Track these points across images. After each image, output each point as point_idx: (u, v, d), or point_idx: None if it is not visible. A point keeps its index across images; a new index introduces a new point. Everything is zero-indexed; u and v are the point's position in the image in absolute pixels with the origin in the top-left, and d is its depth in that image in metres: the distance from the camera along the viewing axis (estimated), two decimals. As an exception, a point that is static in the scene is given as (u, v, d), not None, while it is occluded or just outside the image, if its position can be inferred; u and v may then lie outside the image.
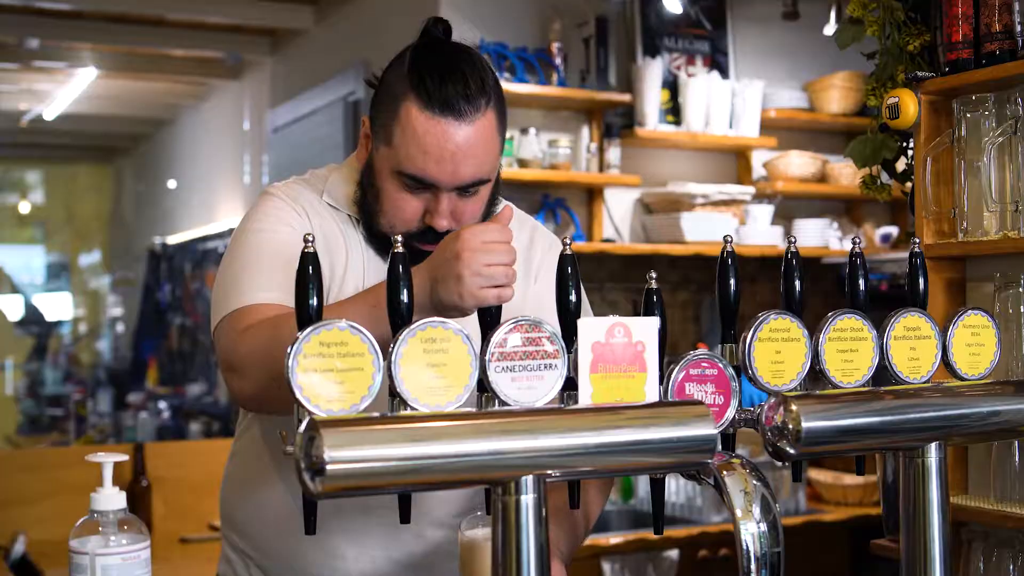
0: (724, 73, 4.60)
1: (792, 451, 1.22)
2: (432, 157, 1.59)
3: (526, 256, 1.81)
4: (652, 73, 4.35)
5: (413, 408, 1.08)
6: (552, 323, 1.16)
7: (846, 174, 4.66)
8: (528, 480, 1.09)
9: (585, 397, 1.15)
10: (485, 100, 1.61)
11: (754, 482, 1.17)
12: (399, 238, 1.16)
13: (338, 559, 1.73)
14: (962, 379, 1.40)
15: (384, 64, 1.81)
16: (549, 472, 1.10)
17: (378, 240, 1.71)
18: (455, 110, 1.59)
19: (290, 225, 1.69)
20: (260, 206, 1.75)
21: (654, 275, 1.26)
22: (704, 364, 1.25)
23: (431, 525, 1.75)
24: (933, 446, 1.32)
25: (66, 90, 7.69)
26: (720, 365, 1.26)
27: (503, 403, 1.12)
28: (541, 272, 1.82)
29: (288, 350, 1.04)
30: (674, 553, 3.64)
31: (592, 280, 4.39)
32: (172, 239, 8.24)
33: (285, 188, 1.78)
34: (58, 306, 11.01)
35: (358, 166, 1.76)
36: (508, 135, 4.10)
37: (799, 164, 4.60)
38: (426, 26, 1.76)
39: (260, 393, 1.54)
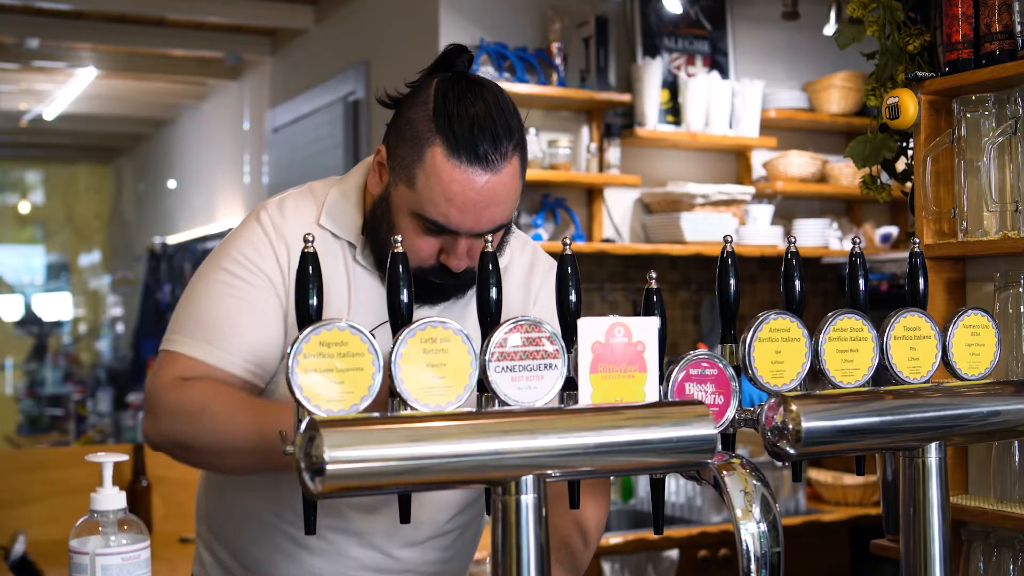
0: (724, 73, 4.60)
1: (792, 451, 1.22)
2: (455, 205, 1.55)
3: (526, 279, 1.79)
4: (652, 73, 4.35)
5: (413, 408, 1.08)
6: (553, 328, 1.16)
7: (846, 174, 4.66)
8: (528, 480, 1.09)
9: (585, 397, 1.15)
10: (512, 144, 1.57)
11: (754, 482, 1.17)
12: (399, 238, 1.16)
13: (310, 574, 1.72)
14: (962, 379, 1.40)
15: (383, 64, 1.80)
16: (549, 472, 1.11)
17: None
18: (483, 160, 1.54)
19: (266, 277, 1.64)
20: (245, 234, 1.69)
21: (654, 275, 1.26)
22: (704, 364, 1.25)
23: (404, 545, 1.75)
24: (933, 446, 1.32)
25: (66, 90, 7.69)
26: (720, 365, 1.26)
27: (503, 403, 1.12)
28: (541, 294, 1.80)
29: (288, 350, 1.04)
30: (674, 553, 3.64)
31: (592, 280, 4.39)
32: (172, 239, 8.24)
33: (278, 210, 1.71)
34: (58, 306, 11.01)
35: (363, 188, 1.72)
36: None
37: (799, 164, 4.60)
38: (447, 53, 1.67)
39: (161, 445, 1.62)
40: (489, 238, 1.17)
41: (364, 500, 1.71)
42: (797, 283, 1.32)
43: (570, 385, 1.16)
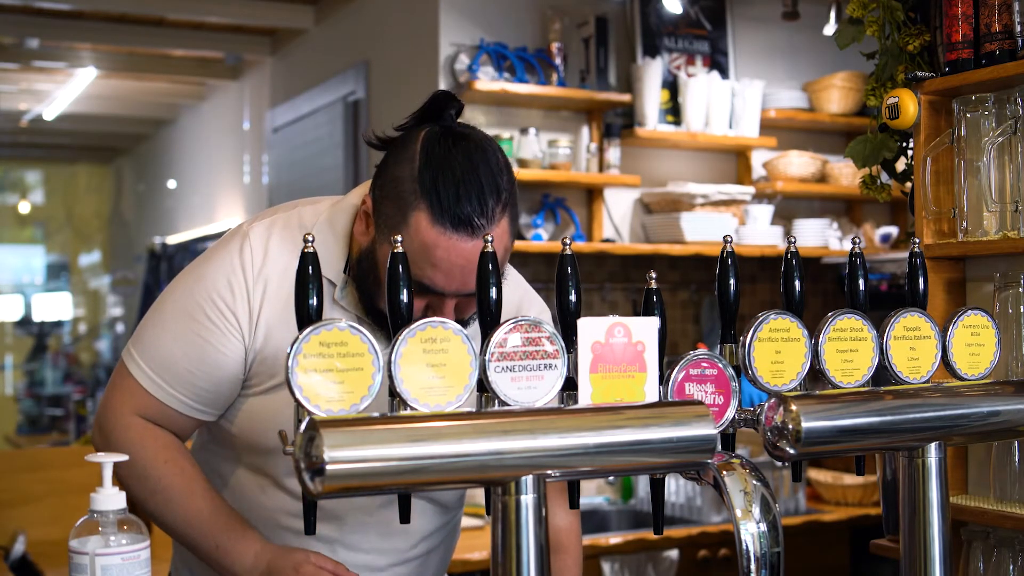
0: (724, 73, 4.60)
1: (792, 451, 1.22)
2: (441, 270, 1.52)
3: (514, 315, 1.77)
4: (652, 73, 4.35)
5: (413, 408, 1.08)
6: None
7: (846, 174, 4.66)
8: (528, 480, 1.09)
9: (585, 397, 1.15)
10: (500, 208, 1.53)
11: (754, 482, 1.17)
12: (399, 238, 1.16)
13: None
14: (962, 379, 1.40)
15: (383, 64, 1.78)
16: (549, 472, 1.11)
17: (378, 316, 1.63)
18: (469, 225, 1.50)
19: (235, 319, 1.63)
20: (224, 267, 1.66)
21: (654, 275, 1.26)
22: (704, 364, 1.25)
23: (367, 571, 1.75)
24: (933, 446, 1.32)
25: (66, 90, 7.69)
26: (720, 365, 1.26)
27: (503, 403, 1.12)
28: None
29: (288, 350, 1.04)
30: (674, 553, 3.64)
31: (592, 280, 4.39)
32: (172, 239, 8.24)
33: (262, 246, 1.67)
34: (58, 306, 11.01)
35: (350, 228, 1.67)
36: (508, 135, 4.10)
37: (799, 164, 4.60)
38: (436, 100, 1.61)
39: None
40: (490, 238, 1.17)
41: (325, 531, 1.71)
42: (797, 283, 1.32)
43: (570, 385, 1.16)
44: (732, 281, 1.30)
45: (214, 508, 1.67)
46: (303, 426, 1.02)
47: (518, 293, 1.82)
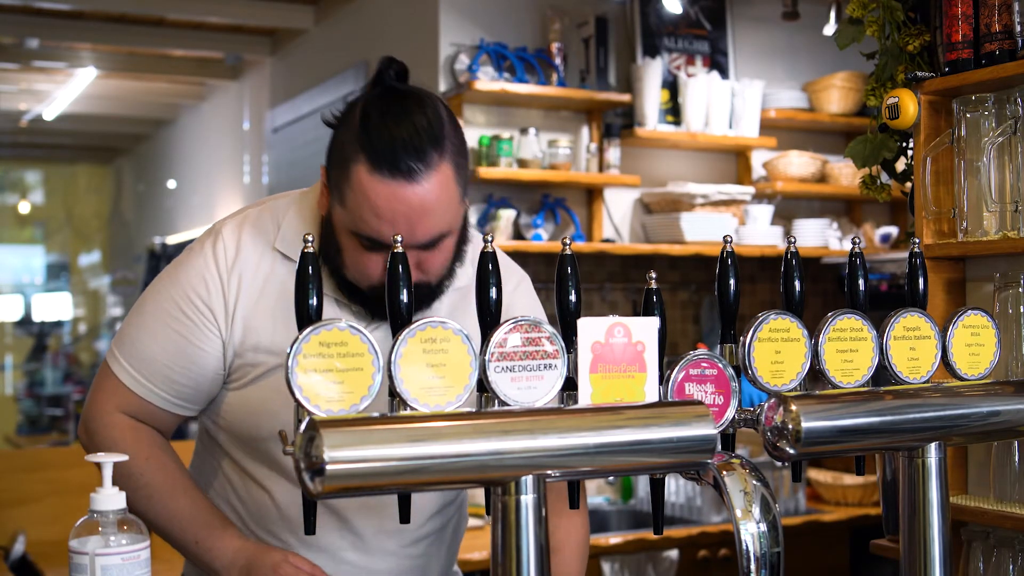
0: (724, 73, 4.60)
1: (792, 451, 1.22)
2: (386, 220, 1.55)
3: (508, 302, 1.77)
4: (652, 73, 4.35)
5: (413, 408, 1.08)
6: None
7: (846, 174, 4.66)
8: (528, 480, 1.09)
9: (585, 397, 1.15)
10: (438, 154, 1.55)
11: (754, 482, 1.17)
12: (399, 237, 1.16)
13: None
14: (962, 379, 1.40)
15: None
16: (549, 472, 1.11)
17: (349, 288, 1.66)
18: (405, 171, 1.53)
19: (210, 313, 1.67)
20: (198, 265, 1.70)
21: (654, 275, 1.26)
22: (704, 364, 1.25)
23: (382, 553, 1.77)
24: (933, 446, 1.32)
25: (66, 90, 7.69)
26: (720, 365, 1.26)
27: (503, 403, 1.12)
28: (514, 305, 1.79)
29: (288, 350, 1.04)
30: (674, 553, 3.64)
31: (592, 280, 4.39)
32: (172, 239, 8.24)
33: (234, 241, 1.71)
34: (58, 306, 11.01)
35: (320, 208, 1.71)
36: (508, 135, 4.10)
37: (799, 164, 4.60)
38: (379, 69, 1.65)
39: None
40: (490, 238, 1.17)
41: (336, 514, 1.74)
42: (797, 283, 1.31)
43: (570, 385, 1.16)
44: (732, 281, 1.30)
45: (194, 505, 1.70)
46: (303, 426, 1.02)
47: (512, 282, 1.82)
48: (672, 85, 4.50)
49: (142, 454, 1.71)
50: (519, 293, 1.84)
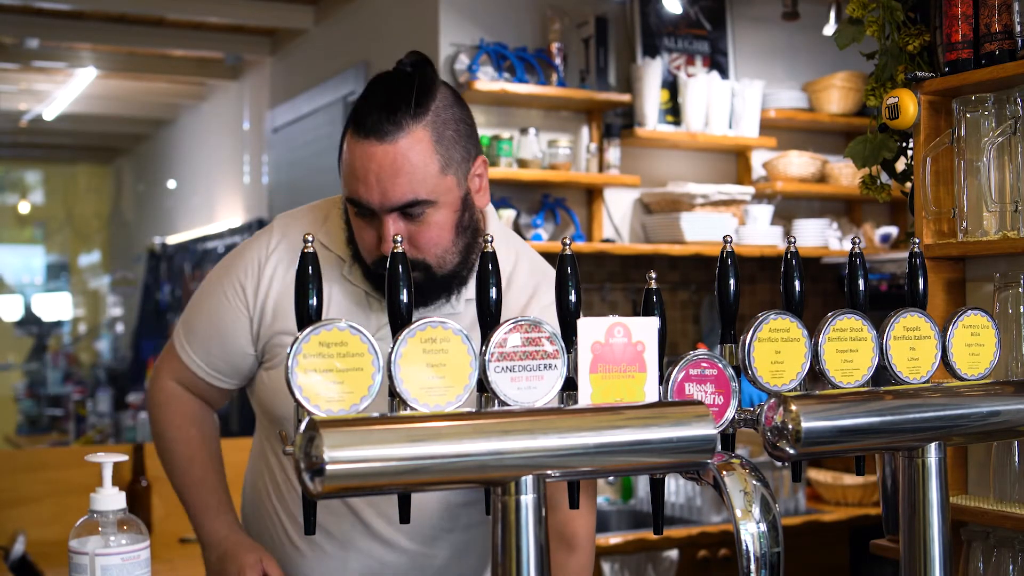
0: (724, 73, 4.60)
1: (792, 451, 1.22)
2: (360, 179, 1.62)
3: (506, 283, 1.78)
4: (652, 73, 4.35)
5: (413, 408, 1.08)
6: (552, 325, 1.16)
7: (846, 174, 4.66)
8: (528, 480, 1.09)
9: (585, 397, 1.15)
10: (412, 118, 1.61)
11: (754, 482, 1.17)
12: (399, 237, 1.17)
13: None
14: (962, 379, 1.40)
15: (383, 64, 1.84)
16: (549, 472, 1.11)
17: (372, 278, 1.73)
18: (376, 131, 1.60)
19: (245, 303, 1.80)
20: (251, 253, 1.82)
21: (654, 275, 1.26)
22: (704, 364, 1.25)
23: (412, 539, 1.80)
24: (933, 446, 1.32)
25: (66, 90, 7.69)
26: (720, 365, 1.26)
27: (503, 403, 1.12)
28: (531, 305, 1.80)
29: (288, 351, 1.04)
30: (674, 553, 3.64)
31: (592, 280, 4.39)
32: (172, 239, 8.24)
33: (282, 226, 1.84)
34: (58, 306, 11.01)
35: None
36: (508, 135, 4.10)
37: (799, 164, 4.60)
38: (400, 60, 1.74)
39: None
40: (490, 237, 1.17)
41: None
42: (797, 283, 1.31)
43: (570, 385, 1.16)
44: (732, 281, 1.30)
45: (202, 482, 1.84)
46: (303, 426, 1.02)
47: (511, 258, 1.83)
48: (672, 85, 4.50)
49: (175, 422, 1.87)
50: (536, 298, 1.83)
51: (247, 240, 1.87)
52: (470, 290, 1.74)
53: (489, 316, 1.15)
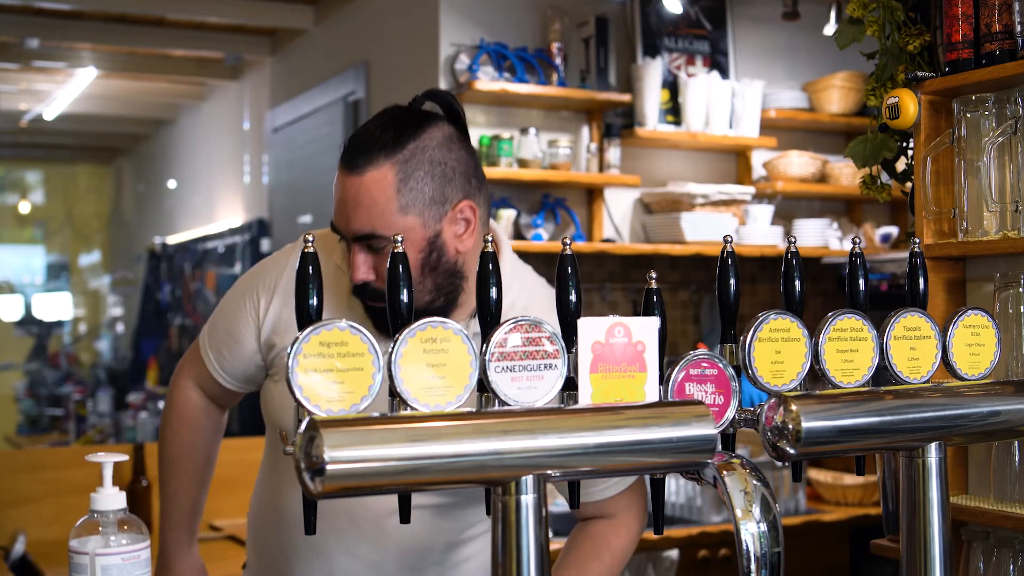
0: (724, 73, 4.60)
1: (792, 451, 1.22)
2: (336, 205, 1.69)
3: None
4: (652, 73, 4.35)
5: (413, 408, 1.08)
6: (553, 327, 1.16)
7: (846, 174, 4.66)
8: (528, 480, 1.09)
9: (585, 397, 1.15)
10: (384, 155, 1.64)
11: (754, 482, 1.17)
12: (399, 237, 1.17)
13: None
14: (962, 379, 1.40)
15: (383, 64, 1.85)
16: (549, 472, 1.11)
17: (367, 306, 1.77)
18: (348, 161, 1.67)
19: (254, 306, 1.84)
20: (272, 266, 1.87)
21: (654, 275, 1.26)
22: (704, 364, 1.25)
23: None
24: (933, 446, 1.32)
25: (66, 90, 7.69)
26: (720, 365, 1.26)
27: (503, 403, 1.12)
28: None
29: (288, 350, 1.04)
30: (674, 553, 3.64)
31: (592, 280, 4.39)
32: (172, 239, 8.24)
33: (296, 248, 1.88)
34: (58, 306, 11.01)
35: None
36: (508, 135, 4.10)
37: (799, 164, 4.60)
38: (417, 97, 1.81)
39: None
40: (489, 237, 1.17)
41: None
42: (797, 283, 1.31)
43: (570, 385, 1.16)
44: (732, 281, 1.30)
45: (175, 494, 1.93)
46: (303, 426, 1.02)
47: (526, 293, 1.82)
48: (672, 85, 4.50)
49: (175, 423, 1.95)
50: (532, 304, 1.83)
51: (276, 252, 1.93)
52: None
53: (489, 316, 1.15)
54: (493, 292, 1.15)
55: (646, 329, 1.18)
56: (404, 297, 1.14)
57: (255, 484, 1.97)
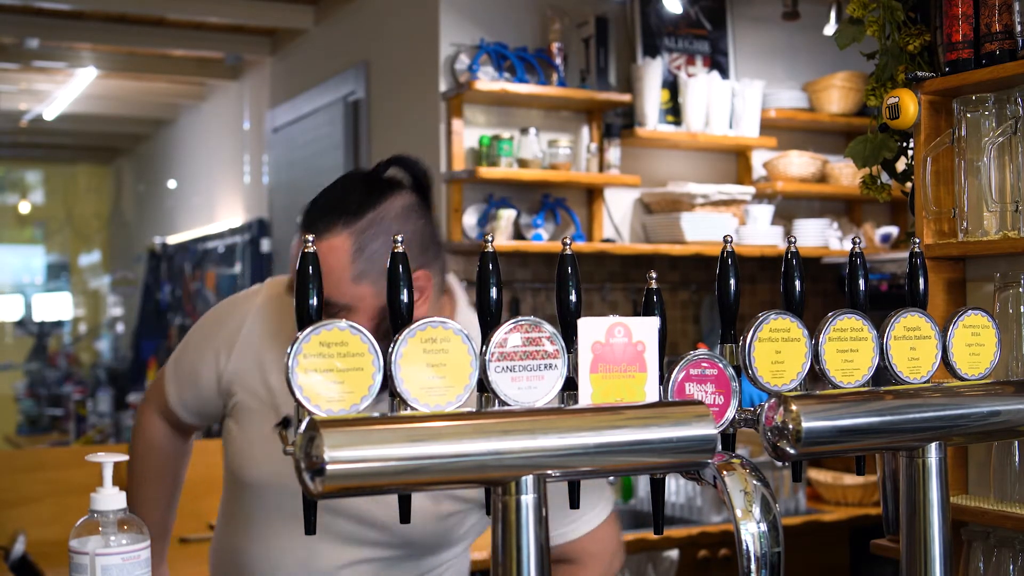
0: (724, 73, 4.60)
1: (792, 451, 1.22)
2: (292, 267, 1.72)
3: None
4: (652, 73, 4.35)
5: (413, 408, 1.08)
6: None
7: (846, 174, 4.66)
8: (528, 480, 1.09)
9: (585, 397, 1.15)
10: (341, 224, 1.66)
11: (754, 482, 1.17)
12: (399, 237, 1.16)
13: None
14: (962, 379, 1.40)
15: (383, 64, 1.86)
16: (549, 472, 1.10)
17: None
18: (307, 227, 1.69)
19: (214, 347, 1.87)
20: (237, 296, 1.92)
21: (654, 275, 1.26)
22: (704, 364, 1.25)
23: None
24: (933, 446, 1.32)
25: (66, 90, 7.68)
26: (720, 365, 1.26)
27: (503, 403, 1.12)
28: None
29: (288, 350, 1.04)
30: (674, 553, 3.64)
31: (592, 280, 4.39)
32: (172, 239, 8.24)
33: (270, 286, 1.90)
34: (58, 306, 11.00)
35: None
36: (508, 135, 4.10)
37: (799, 164, 4.60)
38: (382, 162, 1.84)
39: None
40: (490, 238, 1.17)
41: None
42: (797, 283, 1.31)
43: (570, 385, 1.16)
44: (732, 281, 1.30)
45: (147, 519, 1.90)
46: (303, 426, 1.02)
47: None
48: (672, 85, 4.50)
49: (139, 451, 2.01)
50: None
51: (238, 294, 1.95)
52: None
53: (489, 316, 1.15)
54: (493, 292, 1.15)
55: (646, 329, 1.18)
56: (404, 297, 1.14)
57: (214, 531, 1.99)
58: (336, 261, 1.65)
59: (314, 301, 1.10)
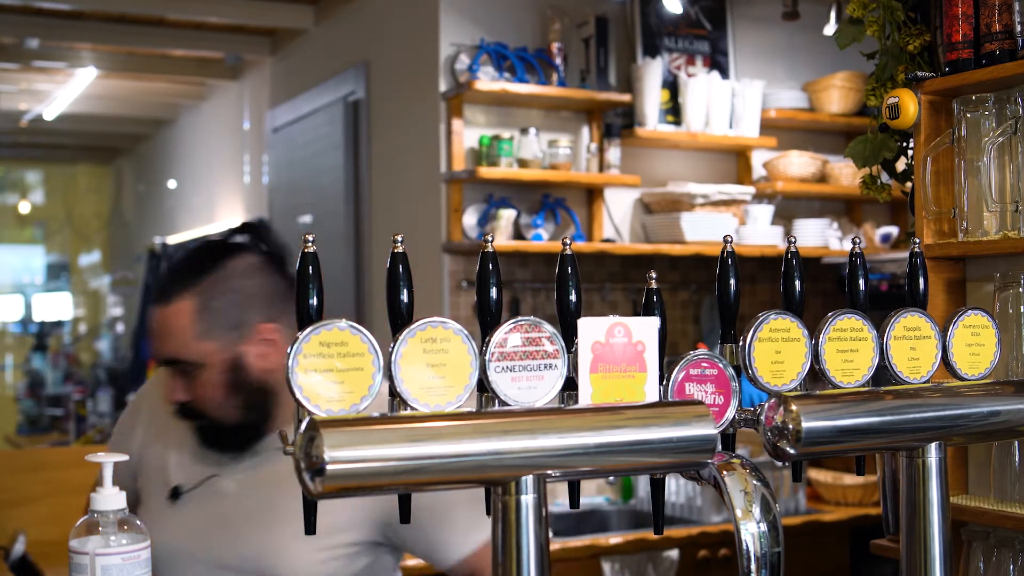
0: (724, 73, 4.60)
1: (792, 451, 1.22)
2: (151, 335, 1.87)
3: None
4: (652, 73, 4.35)
5: (413, 408, 1.08)
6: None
7: (846, 174, 4.66)
8: (528, 480, 1.09)
9: (585, 397, 1.15)
10: (185, 288, 1.80)
11: (754, 482, 1.17)
12: (399, 237, 1.16)
13: None
14: (962, 379, 1.40)
15: (383, 64, 1.87)
16: (549, 472, 1.10)
17: (202, 432, 1.91)
18: (157, 295, 1.85)
19: (126, 437, 2.00)
20: (118, 430, 2.05)
21: (654, 275, 1.26)
22: (704, 364, 1.25)
23: None
24: (933, 446, 1.32)
25: (66, 90, 7.68)
26: (720, 365, 1.26)
27: (503, 403, 1.12)
28: None
29: (288, 350, 1.04)
30: (674, 553, 3.64)
31: (592, 280, 4.39)
32: (172, 239, 8.23)
33: (139, 401, 2.04)
34: (58, 306, 11.00)
35: None
36: (508, 135, 4.10)
37: (799, 164, 4.60)
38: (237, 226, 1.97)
39: None
40: (490, 237, 1.17)
41: None
42: (797, 283, 1.31)
43: (570, 385, 1.16)
44: (732, 281, 1.30)
45: None
46: (303, 426, 1.02)
47: None
48: (672, 85, 4.50)
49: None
50: None
51: (120, 417, 2.09)
52: (275, 441, 1.85)
53: (489, 316, 1.15)
54: (493, 292, 1.15)
55: (646, 329, 1.18)
56: (404, 297, 1.14)
57: None
58: (180, 323, 1.79)
59: (314, 301, 1.10)
